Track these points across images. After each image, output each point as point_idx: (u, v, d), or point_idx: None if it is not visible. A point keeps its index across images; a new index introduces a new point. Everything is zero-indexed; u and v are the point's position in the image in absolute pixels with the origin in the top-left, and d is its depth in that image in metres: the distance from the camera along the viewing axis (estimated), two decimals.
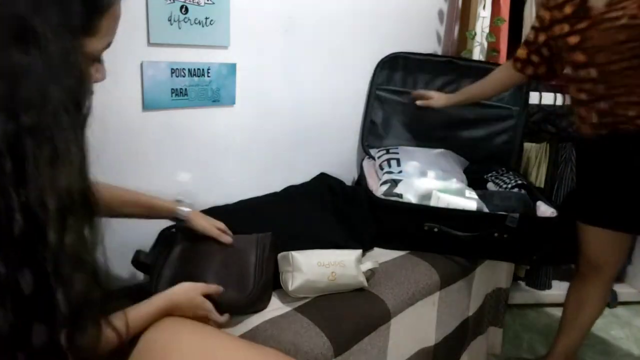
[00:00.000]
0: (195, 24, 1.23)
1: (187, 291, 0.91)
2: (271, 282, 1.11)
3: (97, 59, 0.68)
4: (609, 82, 1.23)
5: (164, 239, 1.15)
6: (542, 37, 1.39)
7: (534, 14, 1.86)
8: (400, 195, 1.38)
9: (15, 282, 0.53)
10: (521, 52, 1.46)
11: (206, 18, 1.24)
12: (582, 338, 1.57)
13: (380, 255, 1.34)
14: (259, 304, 1.06)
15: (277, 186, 1.56)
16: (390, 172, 1.49)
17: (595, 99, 1.27)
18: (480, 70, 1.77)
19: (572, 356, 1.60)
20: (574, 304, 1.54)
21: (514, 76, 1.51)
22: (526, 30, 1.87)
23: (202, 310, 0.92)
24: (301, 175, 1.63)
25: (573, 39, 1.26)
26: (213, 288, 0.96)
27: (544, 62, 1.43)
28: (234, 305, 1.00)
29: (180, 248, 1.11)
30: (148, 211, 1.08)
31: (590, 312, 1.52)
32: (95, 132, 1.14)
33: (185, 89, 1.26)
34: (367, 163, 1.70)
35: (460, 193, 1.39)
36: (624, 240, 1.41)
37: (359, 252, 1.16)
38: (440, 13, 1.95)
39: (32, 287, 0.54)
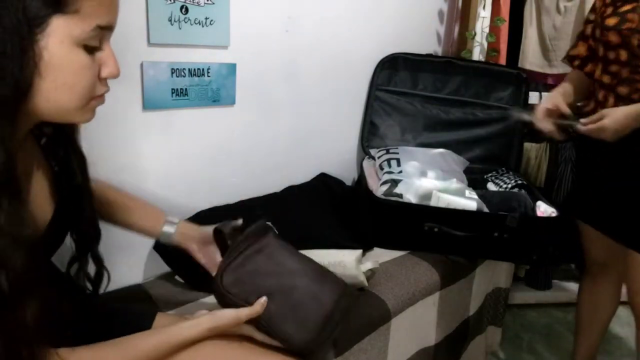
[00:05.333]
0: (195, 24, 1.23)
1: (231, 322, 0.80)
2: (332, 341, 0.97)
3: (92, 47, 0.60)
4: (635, 66, 1.23)
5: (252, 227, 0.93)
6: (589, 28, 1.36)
7: (534, 14, 1.86)
8: (400, 195, 1.38)
9: None
10: (580, 50, 1.41)
11: (206, 18, 1.24)
12: (601, 337, 1.58)
13: (380, 255, 1.34)
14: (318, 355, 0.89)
15: (277, 186, 1.56)
16: (390, 172, 1.49)
17: (617, 83, 1.27)
18: (480, 70, 1.78)
19: (594, 357, 1.61)
20: (589, 306, 1.54)
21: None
22: (526, 30, 1.88)
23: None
24: (301, 175, 1.63)
25: (612, 20, 1.26)
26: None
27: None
28: (289, 343, 0.82)
29: (265, 252, 0.89)
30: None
31: (606, 312, 1.53)
32: (96, 132, 1.15)
33: (186, 89, 1.26)
34: (367, 163, 1.70)
35: (460, 193, 1.39)
36: None
37: (359, 252, 1.17)
38: (440, 13, 1.95)
39: None
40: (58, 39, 0.56)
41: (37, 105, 0.59)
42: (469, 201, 1.35)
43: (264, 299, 0.81)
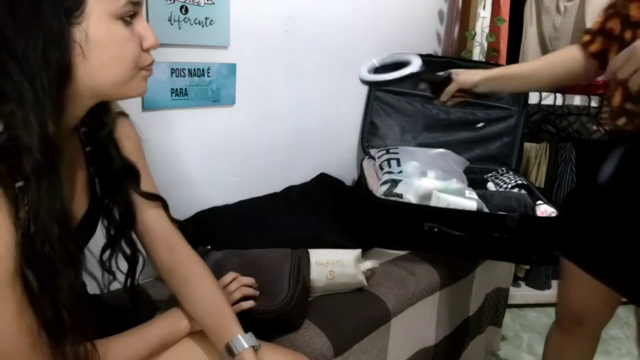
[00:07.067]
0: (195, 24, 1.23)
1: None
2: (308, 295, 1.07)
3: (128, 20, 0.64)
4: None
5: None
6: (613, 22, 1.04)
7: (534, 14, 1.86)
8: (400, 195, 1.38)
9: None
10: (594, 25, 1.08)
11: (206, 18, 1.24)
12: None
13: (380, 255, 1.35)
14: (294, 313, 0.98)
15: (277, 186, 1.56)
16: (390, 172, 1.48)
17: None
18: None
19: None
20: None
21: (577, 59, 1.09)
22: (526, 30, 1.88)
23: None
24: (301, 175, 1.63)
25: None
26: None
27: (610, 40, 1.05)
28: (265, 317, 0.94)
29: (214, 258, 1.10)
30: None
31: None
32: None
33: (185, 89, 1.26)
34: (367, 163, 1.70)
35: (460, 193, 1.39)
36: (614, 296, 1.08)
37: (358, 251, 1.16)
38: (440, 13, 1.95)
39: None
40: (97, 17, 0.60)
41: (85, 87, 0.63)
42: (469, 201, 1.35)
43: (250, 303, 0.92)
